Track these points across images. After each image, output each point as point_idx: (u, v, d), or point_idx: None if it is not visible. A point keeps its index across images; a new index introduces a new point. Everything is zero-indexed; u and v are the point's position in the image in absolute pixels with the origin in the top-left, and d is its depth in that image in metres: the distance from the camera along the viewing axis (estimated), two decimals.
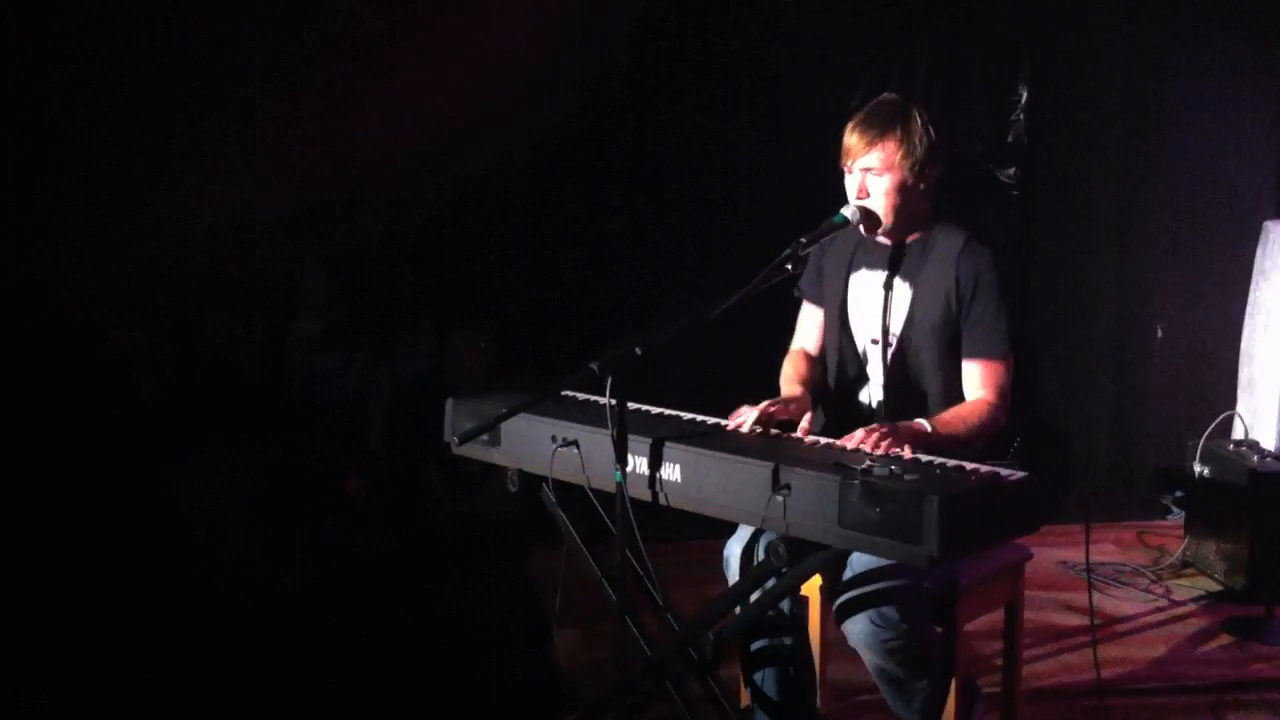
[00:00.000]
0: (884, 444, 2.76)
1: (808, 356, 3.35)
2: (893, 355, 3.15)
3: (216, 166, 5.10)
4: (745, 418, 2.98)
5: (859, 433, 2.82)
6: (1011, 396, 3.09)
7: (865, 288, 3.20)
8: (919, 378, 3.13)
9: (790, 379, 3.28)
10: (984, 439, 3.05)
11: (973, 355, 3.08)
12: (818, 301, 3.34)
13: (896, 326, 3.14)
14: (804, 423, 3.01)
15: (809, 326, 3.38)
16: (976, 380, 3.08)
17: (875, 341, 3.17)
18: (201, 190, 5.08)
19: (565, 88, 5.53)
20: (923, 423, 2.94)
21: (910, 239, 3.15)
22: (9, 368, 4.83)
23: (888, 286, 3.15)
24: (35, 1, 4.84)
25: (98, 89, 4.92)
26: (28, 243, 4.89)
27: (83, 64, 4.88)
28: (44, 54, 4.85)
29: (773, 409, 3.01)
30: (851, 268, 3.21)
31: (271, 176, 5.10)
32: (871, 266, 3.19)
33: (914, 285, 3.13)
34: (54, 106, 4.90)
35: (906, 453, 2.77)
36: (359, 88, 5.24)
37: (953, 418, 3.00)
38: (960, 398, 3.10)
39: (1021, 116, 6.15)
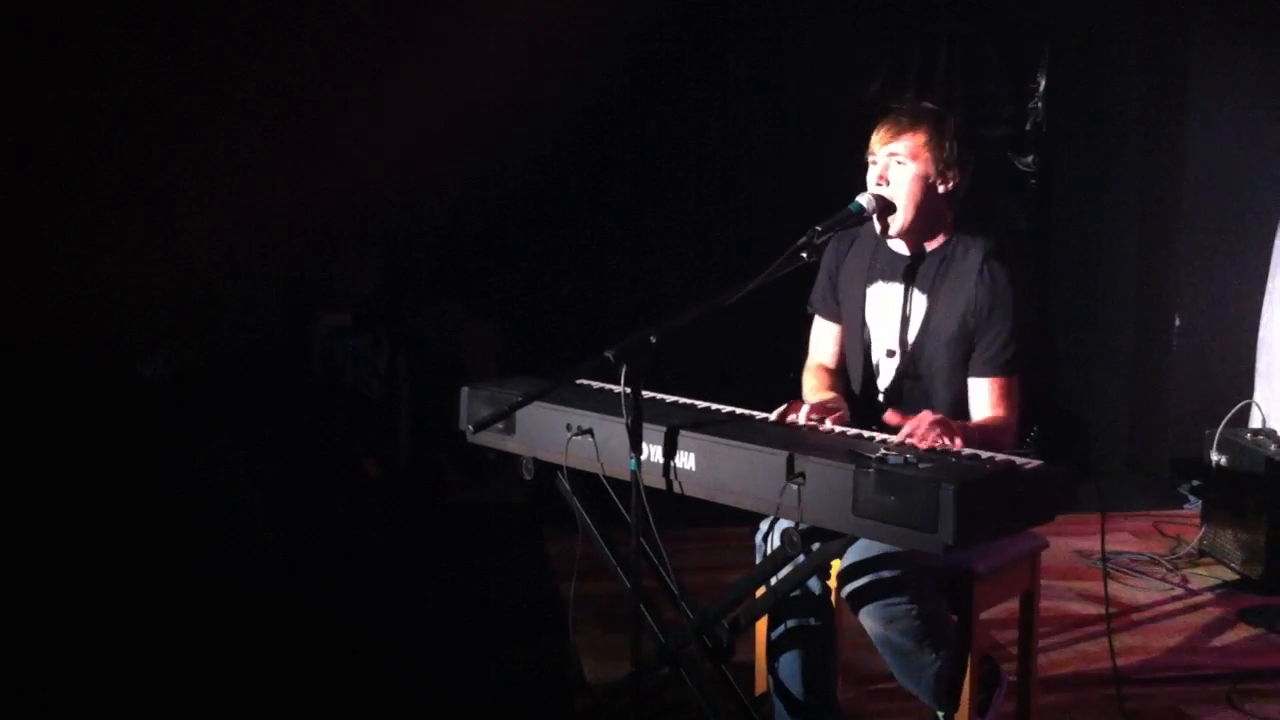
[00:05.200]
0: (933, 435, 2.71)
1: (826, 370, 3.31)
2: (903, 366, 3.11)
3: (235, 161, 5.13)
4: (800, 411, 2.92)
5: (910, 423, 2.76)
6: (1020, 407, 3.05)
7: (883, 300, 3.15)
8: (928, 390, 3.09)
9: (816, 388, 3.24)
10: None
11: (983, 373, 3.03)
12: (831, 317, 3.30)
13: (911, 338, 3.10)
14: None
15: (824, 341, 3.33)
16: (987, 398, 3.03)
17: (891, 354, 3.14)
18: (223, 182, 5.11)
19: (578, 74, 5.51)
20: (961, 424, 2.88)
21: (929, 247, 3.10)
22: (28, 354, 4.85)
23: (905, 298, 3.11)
24: None
25: (112, 81, 4.94)
26: (41, 234, 4.92)
27: (108, 57, 4.91)
28: (73, 52, 4.88)
29: (823, 411, 2.94)
30: (869, 280, 3.17)
31: (289, 172, 5.13)
32: (888, 278, 3.14)
33: (931, 297, 3.08)
34: (71, 99, 4.93)
35: (957, 444, 2.72)
36: (374, 88, 5.27)
37: (981, 433, 2.91)
38: (966, 413, 3.05)
39: (1040, 104, 6.13)
